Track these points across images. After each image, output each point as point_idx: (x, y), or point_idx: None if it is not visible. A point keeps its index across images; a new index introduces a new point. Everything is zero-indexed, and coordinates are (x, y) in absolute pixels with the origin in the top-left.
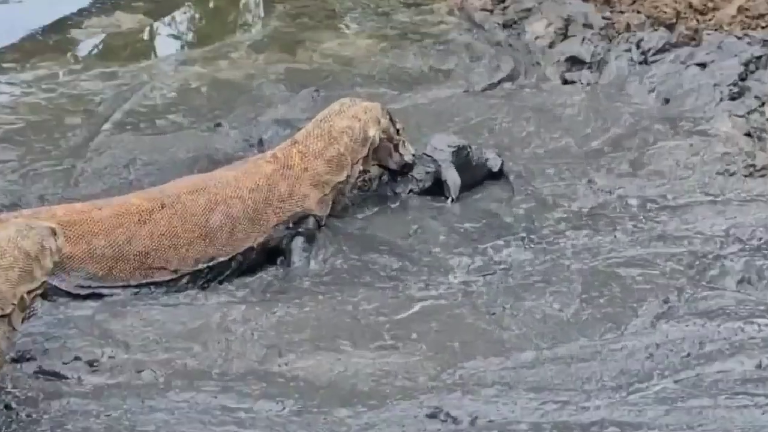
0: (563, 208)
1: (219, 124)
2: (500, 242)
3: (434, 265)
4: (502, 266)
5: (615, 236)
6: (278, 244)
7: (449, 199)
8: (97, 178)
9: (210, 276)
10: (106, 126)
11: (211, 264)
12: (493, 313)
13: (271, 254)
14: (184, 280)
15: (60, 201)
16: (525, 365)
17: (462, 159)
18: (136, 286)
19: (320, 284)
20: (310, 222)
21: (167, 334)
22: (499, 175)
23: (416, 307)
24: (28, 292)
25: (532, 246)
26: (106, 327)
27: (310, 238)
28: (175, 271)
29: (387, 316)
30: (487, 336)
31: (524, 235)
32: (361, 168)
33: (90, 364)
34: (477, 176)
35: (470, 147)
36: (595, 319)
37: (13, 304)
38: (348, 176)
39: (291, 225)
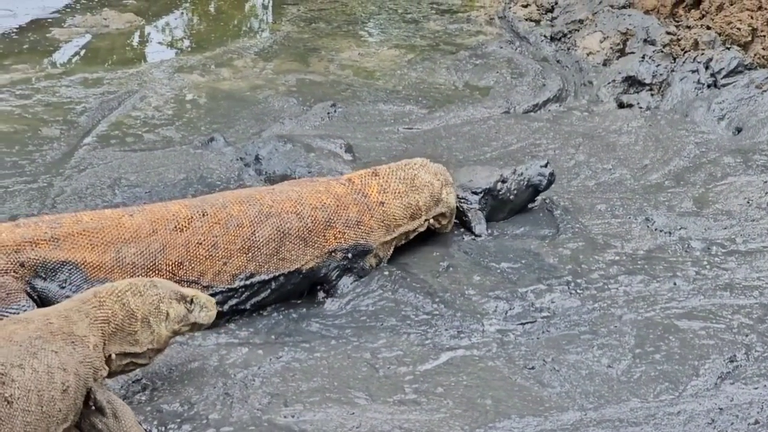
0: (615, 249)
1: (212, 139)
2: (542, 286)
3: (467, 309)
4: (543, 314)
5: (674, 284)
6: (327, 275)
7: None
8: (78, 199)
9: (245, 296)
10: (88, 139)
11: (249, 282)
12: (532, 368)
13: (314, 286)
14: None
15: None
16: (566, 428)
17: (494, 200)
18: None
19: (333, 327)
20: (367, 262)
21: (156, 376)
22: (548, 187)
23: (444, 358)
24: (122, 354)
25: (579, 292)
26: None
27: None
28: (208, 287)
29: (410, 366)
30: (524, 393)
31: (570, 279)
32: (431, 222)
33: None
34: (519, 204)
35: (504, 180)
36: (649, 377)
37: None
38: (417, 228)
39: (350, 256)
